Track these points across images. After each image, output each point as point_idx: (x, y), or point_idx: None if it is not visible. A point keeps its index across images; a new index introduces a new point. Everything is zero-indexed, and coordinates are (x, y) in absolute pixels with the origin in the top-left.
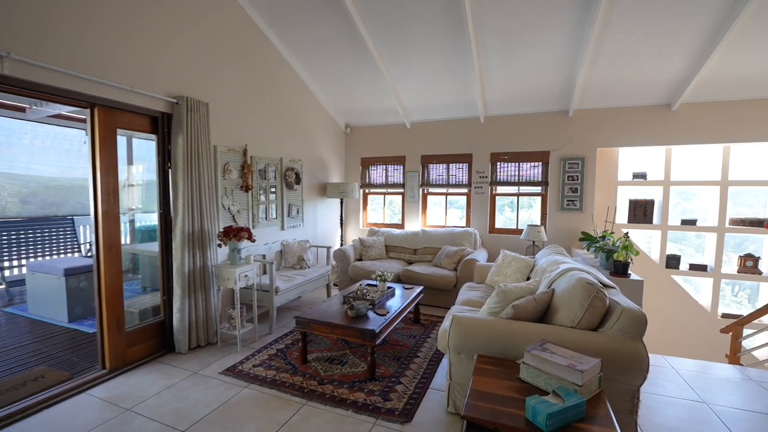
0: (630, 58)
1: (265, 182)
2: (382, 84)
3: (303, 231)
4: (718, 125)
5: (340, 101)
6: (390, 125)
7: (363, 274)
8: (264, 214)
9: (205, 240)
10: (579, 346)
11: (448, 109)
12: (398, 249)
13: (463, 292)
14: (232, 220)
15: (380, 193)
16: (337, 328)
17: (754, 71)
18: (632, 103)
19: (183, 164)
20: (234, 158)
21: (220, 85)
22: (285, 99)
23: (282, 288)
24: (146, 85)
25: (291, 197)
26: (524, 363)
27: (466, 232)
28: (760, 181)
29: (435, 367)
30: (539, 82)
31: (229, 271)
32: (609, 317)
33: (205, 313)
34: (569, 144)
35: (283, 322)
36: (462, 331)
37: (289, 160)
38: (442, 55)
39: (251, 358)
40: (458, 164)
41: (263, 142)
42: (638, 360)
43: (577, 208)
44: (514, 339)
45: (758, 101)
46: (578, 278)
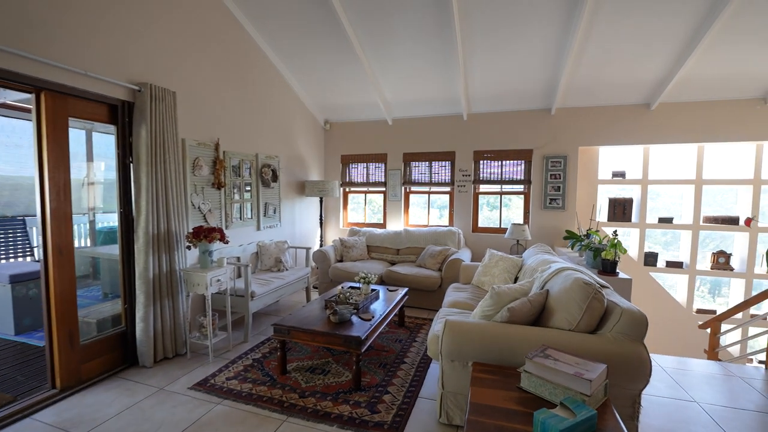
0: (613, 57)
1: (240, 179)
2: (363, 77)
3: (280, 231)
4: (694, 125)
5: (319, 95)
6: (371, 121)
7: (344, 276)
8: (238, 214)
9: (173, 242)
10: (579, 351)
11: (431, 105)
12: (380, 249)
13: (450, 293)
14: (203, 220)
15: (361, 191)
16: (320, 335)
17: (729, 73)
18: (613, 103)
19: (146, 158)
20: (205, 153)
21: (189, 73)
22: (261, 91)
23: (258, 292)
24: (104, 69)
25: (267, 196)
26: (525, 371)
27: (449, 231)
28: (733, 180)
29: (423, 374)
30: (524, 79)
31: (200, 276)
32: (607, 319)
33: (172, 321)
34: (552, 142)
35: (260, 328)
36: (456, 337)
37: (265, 156)
38: (427, 49)
39: (225, 369)
40: (441, 162)
41: (237, 136)
42: (640, 363)
43: (560, 206)
44: (512, 344)
45: (731, 102)
46: (574, 278)
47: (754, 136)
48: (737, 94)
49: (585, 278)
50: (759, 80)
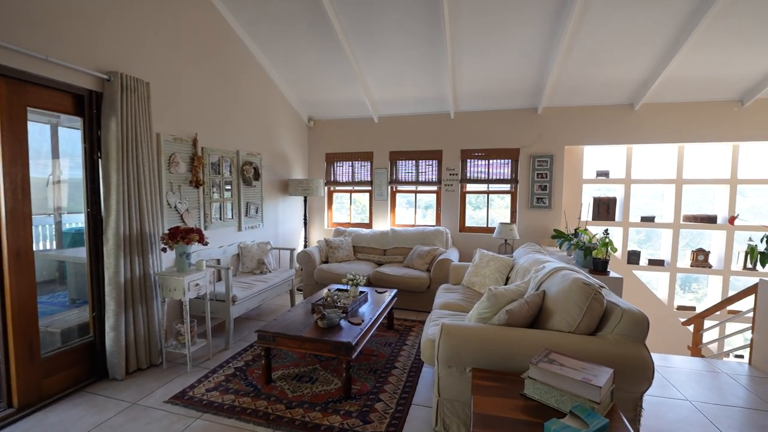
0: (600, 57)
1: (220, 177)
2: (350, 73)
3: (263, 232)
4: (675, 126)
5: (302, 91)
6: (356, 119)
7: (330, 278)
8: (218, 214)
9: (146, 244)
10: (581, 354)
11: (418, 103)
12: (367, 250)
13: (440, 294)
14: (180, 221)
15: (346, 191)
16: (307, 342)
17: (709, 74)
18: (598, 102)
19: (117, 154)
20: (182, 149)
21: (164, 63)
22: (242, 85)
23: (240, 297)
24: (68, 55)
25: (249, 194)
26: (530, 378)
27: (437, 231)
28: (711, 180)
29: (416, 379)
30: (512, 77)
31: (177, 280)
32: (607, 320)
33: (146, 329)
34: (539, 141)
35: (242, 334)
36: (453, 342)
37: (246, 153)
38: (415, 44)
39: (204, 380)
40: (428, 161)
41: (217, 132)
42: (643, 365)
43: (546, 205)
44: (512, 348)
45: (711, 103)
46: (573, 279)
47: (731, 137)
48: (716, 96)
49: (584, 278)
50: (736, 82)
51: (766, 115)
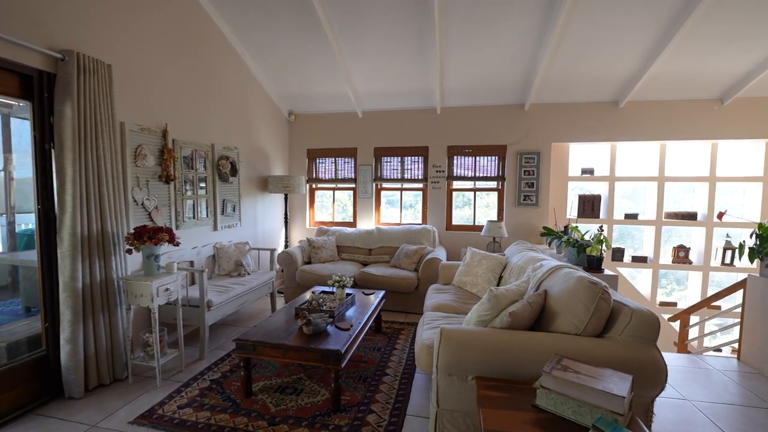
0: (588, 53)
1: (193, 173)
2: (333, 65)
3: (241, 231)
4: (658, 123)
5: (283, 83)
6: (339, 113)
7: (313, 280)
8: (192, 212)
9: (109, 245)
10: (592, 358)
11: (404, 97)
12: (351, 249)
13: (431, 295)
14: (149, 219)
15: (329, 188)
16: (292, 350)
17: (691, 73)
18: (584, 99)
19: (73, 143)
20: (150, 140)
21: (130, 45)
22: (218, 75)
23: (216, 302)
24: (14, 28)
25: (226, 191)
26: (543, 387)
27: (424, 229)
28: (691, 177)
29: (408, 387)
30: (501, 72)
31: (144, 285)
32: (615, 320)
33: (109, 341)
34: (526, 138)
35: (219, 342)
36: (455, 348)
37: (222, 147)
38: (403, 34)
39: (176, 395)
40: (414, 157)
41: (189, 123)
42: (656, 368)
43: (533, 203)
44: (518, 353)
45: (692, 102)
46: (578, 277)
47: (711, 135)
48: (697, 94)
49: (589, 277)
50: (717, 81)
51: (744, 114)
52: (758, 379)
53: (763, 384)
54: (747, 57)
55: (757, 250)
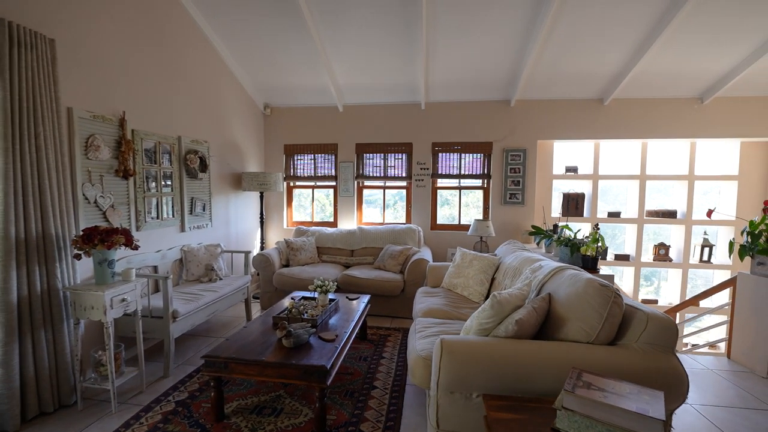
0: (575, 49)
1: (157, 168)
2: (314, 55)
3: (211, 233)
4: (641, 121)
5: (258, 74)
6: (319, 107)
7: (293, 284)
8: (155, 211)
9: (52, 249)
10: (608, 369)
11: (388, 91)
12: (332, 251)
13: (420, 298)
14: (103, 219)
15: (308, 186)
16: (270, 367)
17: (674, 71)
18: (570, 96)
19: (5, 130)
20: (104, 130)
21: (80, 17)
22: (185, 60)
23: (183, 311)
24: None
25: (194, 189)
26: (565, 409)
27: (409, 229)
28: (671, 176)
29: (400, 402)
30: (487, 67)
31: (95, 296)
32: (628, 326)
33: (53, 362)
34: (511, 135)
35: (186, 356)
36: (458, 362)
37: (190, 140)
38: (388, 24)
39: (135, 422)
40: (397, 154)
41: (152, 112)
42: (677, 378)
43: (519, 201)
44: (528, 366)
45: (674, 100)
46: (587, 280)
47: (690, 134)
48: (679, 93)
49: (599, 280)
50: (698, 80)
51: (722, 113)
52: (752, 378)
53: (758, 384)
54: (728, 57)
55: (749, 248)
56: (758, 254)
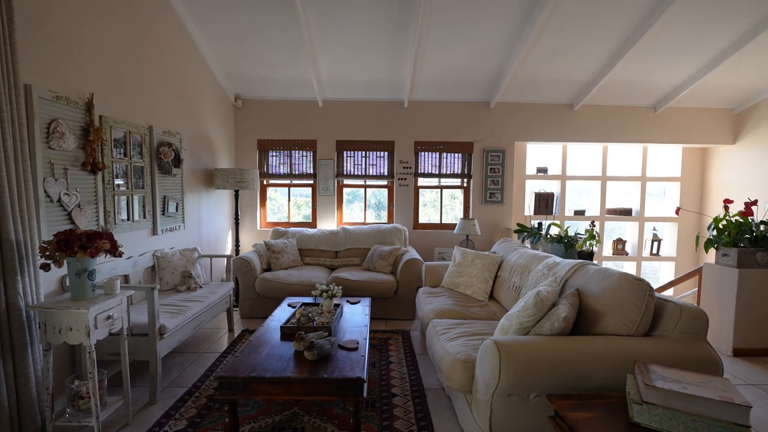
0: (556, 56)
1: (127, 161)
2: (298, 43)
3: (184, 235)
4: (604, 127)
5: (231, 61)
6: (297, 101)
7: (279, 290)
8: (126, 212)
9: (11, 258)
10: (654, 359)
11: (371, 87)
12: (315, 253)
13: (426, 299)
14: (68, 220)
15: (284, 184)
16: (299, 384)
17: (638, 81)
18: (545, 100)
19: None
20: (69, 114)
21: None
22: (157, 41)
23: (170, 326)
24: None
25: (168, 186)
26: (646, 403)
27: (395, 228)
28: (627, 177)
29: (425, 408)
30: (473, 67)
31: (75, 315)
32: (660, 318)
33: (13, 397)
34: (491, 136)
35: (170, 377)
36: (519, 364)
37: (162, 131)
38: (381, 17)
39: None
40: (379, 152)
41: (122, 97)
42: (713, 364)
43: (499, 200)
44: (584, 362)
45: (633, 108)
46: (620, 275)
47: (644, 139)
48: (638, 102)
49: (631, 274)
50: (654, 91)
51: (671, 122)
52: (723, 358)
53: (725, 361)
54: (681, 72)
55: (714, 241)
56: (723, 246)
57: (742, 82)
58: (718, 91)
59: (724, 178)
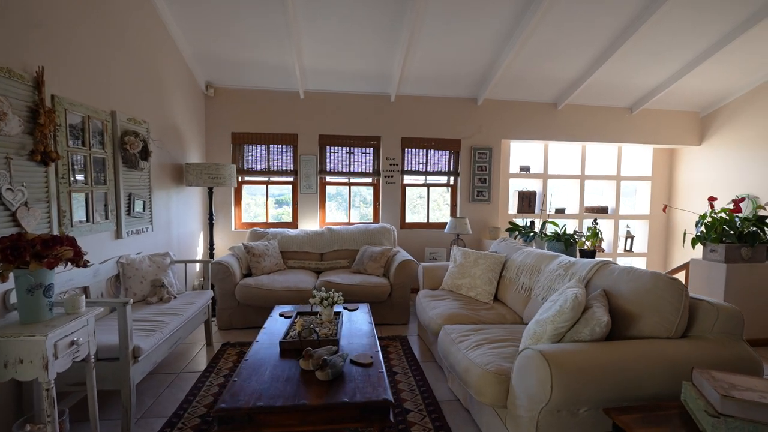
0: (547, 56)
1: (86, 151)
2: (281, 25)
3: (152, 239)
4: (584, 126)
5: (203, 44)
6: (276, 92)
7: (263, 297)
8: (84, 212)
9: None
10: (698, 362)
11: (358, 79)
12: (299, 255)
13: (429, 303)
14: (11, 222)
15: (261, 181)
16: (316, 412)
17: (618, 83)
18: (530, 99)
19: None
20: (12, 90)
21: None
22: (120, 11)
23: (146, 347)
24: None
25: (133, 182)
26: (724, 416)
27: (383, 228)
28: (605, 176)
29: (444, 423)
30: (464, 63)
31: (28, 344)
32: (695, 318)
33: None
34: (479, 134)
35: (144, 405)
36: (572, 377)
37: (127, 118)
38: (377, 1)
39: None
40: (364, 149)
41: (80, 74)
42: (754, 364)
43: (486, 198)
44: (632, 369)
45: (611, 109)
46: (652, 274)
47: (620, 140)
48: (617, 103)
49: (664, 273)
50: (632, 93)
51: (646, 123)
52: None
53: None
54: (659, 74)
55: (702, 237)
56: (710, 242)
57: (709, 87)
58: (687, 95)
59: (691, 178)
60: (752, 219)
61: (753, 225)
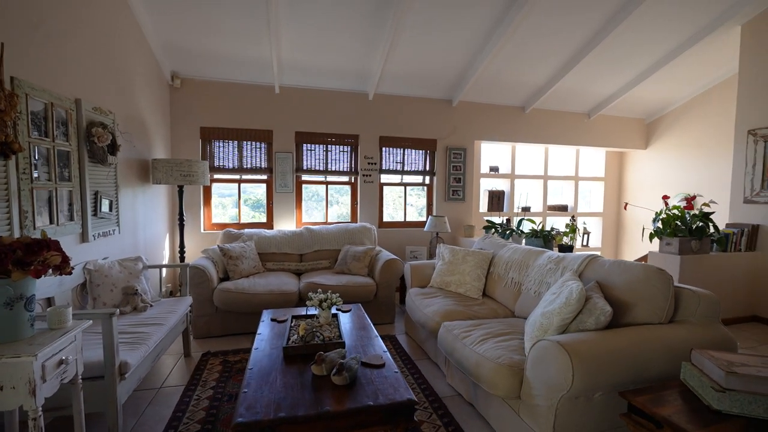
0: (519, 61)
1: (49, 143)
2: (259, 13)
3: (119, 242)
4: (548, 130)
5: (170, 29)
6: (249, 85)
7: (244, 302)
8: (48, 212)
9: None
10: (692, 344)
11: (336, 76)
12: (278, 257)
13: (421, 301)
14: None
15: (232, 180)
16: (340, 418)
17: (580, 90)
18: (502, 102)
19: None
20: None
21: None
22: None
23: (132, 362)
24: None
25: (100, 179)
26: (729, 390)
27: (364, 227)
28: (563, 176)
29: (450, 419)
30: (443, 64)
31: (12, 366)
32: (679, 304)
33: None
34: (454, 134)
35: (127, 427)
36: (590, 366)
37: (92, 108)
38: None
39: None
40: (342, 147)
41: (43, 57)
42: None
43: (461, 198)
44: (639, 353)
45: (571, 114)
46: (643, 266)
47: (578, 142)
48: (576, 108)
49: (652, 265)
50: (590, 98)
51: (600, 128)
52: None
53: None
54: (614, 82)
55: (659, 232)
56: (666, 236)
57: (654, 96)
58: (635, 103)
59: (638, 178)
60: (699, 215)
61: (700, 220)
